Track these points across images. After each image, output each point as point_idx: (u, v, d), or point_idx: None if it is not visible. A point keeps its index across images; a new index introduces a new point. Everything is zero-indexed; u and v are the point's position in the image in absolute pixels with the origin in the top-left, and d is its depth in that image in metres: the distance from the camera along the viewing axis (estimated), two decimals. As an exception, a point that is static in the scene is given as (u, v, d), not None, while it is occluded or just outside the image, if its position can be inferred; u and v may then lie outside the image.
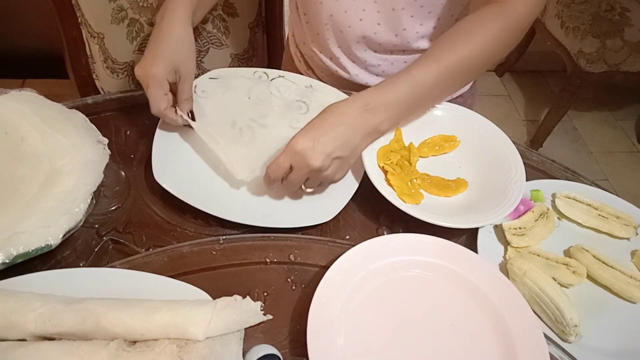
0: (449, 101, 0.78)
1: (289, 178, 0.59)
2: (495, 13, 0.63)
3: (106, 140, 0.65)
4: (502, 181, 0.66)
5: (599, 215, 0.65)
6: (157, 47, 0.65)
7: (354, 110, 0.59)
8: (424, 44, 0.78)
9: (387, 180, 0.65)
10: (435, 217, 0.59)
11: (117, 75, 1.06)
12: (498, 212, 0.61)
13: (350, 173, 0.67)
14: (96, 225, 0.61)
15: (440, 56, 0.62)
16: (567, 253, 0.63)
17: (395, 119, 0.63)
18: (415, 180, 0.67)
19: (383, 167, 0.66)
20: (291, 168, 0.58)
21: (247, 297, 0.47)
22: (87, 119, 0.67)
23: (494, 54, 0.64)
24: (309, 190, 0.62)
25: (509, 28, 0.64)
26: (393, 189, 0.64)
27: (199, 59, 1.07)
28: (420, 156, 0.70)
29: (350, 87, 0.86)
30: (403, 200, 0.62)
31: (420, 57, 0.64)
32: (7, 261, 0.51)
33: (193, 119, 0.70)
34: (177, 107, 0.68)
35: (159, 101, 0.65)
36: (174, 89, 0.68)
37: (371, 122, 0.61)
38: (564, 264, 0.59)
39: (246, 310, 0.46)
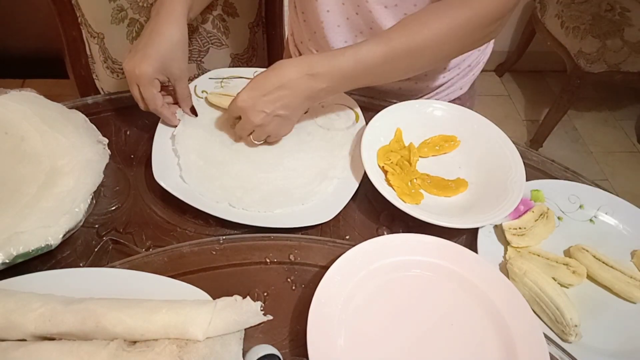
0: (449, 101, 0.78)
1: (237, 127, 0.67)
2: (460, 4, 0.60)
3: (106, 140, 0.65)
4: (502, 181, 0.66)
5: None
6: (149, 45, 0.64)
7: (298, 74, 0.62)
8: None
9: (387, 180, 0.65)
10: (435, 217, 0.59)
11: (117, 75, 1.06)
12: (498, 212, 0.61)
13: (350, 173, 0.67)
14: (96, 225, 0.61)
15: (390, 37, 0.62)
16: (567, 253, 0.63)
17: (337, 88, 0.65)
18: (415, 180, 0.67)
19: (383, 167, 0.66)
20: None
21: (248, 297, 0.47)
22: (87, 119, 0.67)
23: (451, 46, 0.63)
24: (257, 142, 0.68)
25: (471, 23, 0.60)
26: (393, 189, 0.64)
27: (199, 59, 1.07)
28: (420, 156, 0.70)
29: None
30: (403, 200, 0.62)
31: (373, 35, 0.64)
32: (7, 261, 0.51)
33: (195, 114, 0.71)
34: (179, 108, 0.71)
35: (154, 99, 0.66)
36: (164, 90, 0.69)
37: (313, 88, 0.63)
38: (564, 264, 0.59)
39: (246, 311, 0.46)
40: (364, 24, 0.77)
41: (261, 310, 0.47)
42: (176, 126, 0.69)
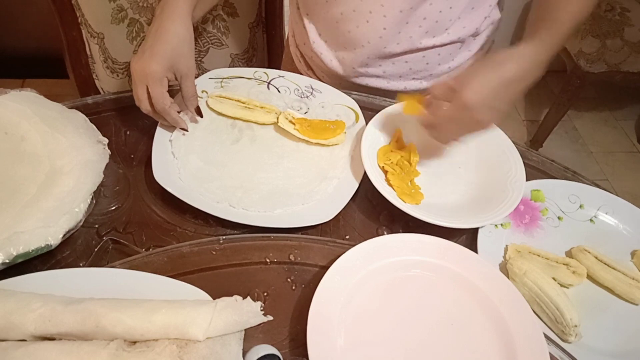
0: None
1: (447, 129, 0.60)
2: None
3: (106, 140, 0.65)
4: (502, 181, 0.66)
5: (246, 107, 0.72)
6: (157, 43, 0.63)
7: (529, 64, 0.58)
8: (427, 41, 0.78)
9: (387, 180, 0.65)
10: (435, 217, 0.59)
11: (117, 75, 1.06)
12: (498, 212, 0.61)
13: (350, 173, 0.67)
14: (96, 225, 0.61)
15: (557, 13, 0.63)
16: (569, 254, 0.63)
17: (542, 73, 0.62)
18: (295, 127, 0.70)
19: (383, 167, 0.66)
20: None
21: (248, 297, 0.47)
22: (87, 119, 0.67)
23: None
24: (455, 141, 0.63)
25: None
26: (393, 189, 0.64)
27: (199, 59, 1.07)
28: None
29: (350, 87, 0.86)
30: (403, 200, 0.62)
31: (544, 8, 0.65)
32: (7, 261, 0.51)
33: (200, 115, 0.70)
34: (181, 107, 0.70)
35: (163, 99, 0.64)
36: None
37: (537, 76, 0.60)
38: (564, 264, 0.59)
39: (247, 311, 0.46)
40: (375, 29, 0.77)
41: (261, 310, 0.47)
42: (183, 129, 0.69)
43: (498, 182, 0.66)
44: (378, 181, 0.62)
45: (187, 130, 0.69)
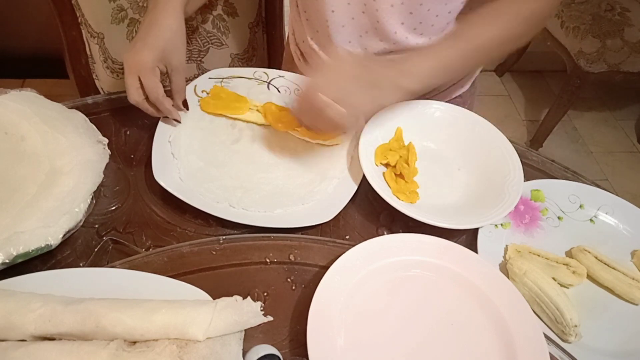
0: (449, 101, 0.78)
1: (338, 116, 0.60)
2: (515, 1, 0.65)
3: (106, 140, 0.65)
4: (501, 182, 0.66)
5: None
6: (148, 35, 0.64)
7: (392, 72, 0.62)
8: (421, 41, 0.78)
9: (385, 179, 0.65)
10: (435, 218, 0.59)
11: (117, 75, 1.06)
12: (498, 212, 0.61)
13: (350, 173, 0.67)
14: (96, 225, 0.61)
15: (467, 35, 0.65)
16: (569, 254, 0.63)
17: (421, 91, 0.64)
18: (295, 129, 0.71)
19: (381, 165, 0.66)
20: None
21: (248, 297, 0.47)
22: (87, 119, 0.67)
23: (513, 40, 0.67)
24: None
25: (525, 17, 0.65)
26: (390, 188, 0.64)
27: (199, 59, 1.07)
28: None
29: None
30: (398, 198, 0.62)
31: (447, 34, 0.66)
32: (7, 261, 0.51)
33: (186, 108, 0.71)
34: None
35: (155, 88, 0.64)
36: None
37: (401, 85, 0.62)
38: (564, 264, 0.59)
39: (247, 311, 0.46)
40: (369, 23, 0.77)
41: (261, 310, 0.47)
42: (175, 119, 0.69)
43: (497, 183, 0.66)
44: (375, 181, 0.62)
45: (179, 122, 0.69)
